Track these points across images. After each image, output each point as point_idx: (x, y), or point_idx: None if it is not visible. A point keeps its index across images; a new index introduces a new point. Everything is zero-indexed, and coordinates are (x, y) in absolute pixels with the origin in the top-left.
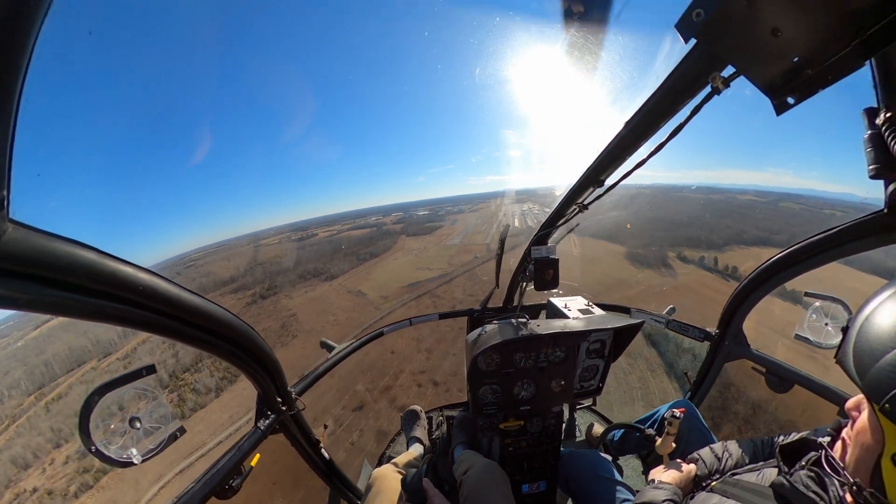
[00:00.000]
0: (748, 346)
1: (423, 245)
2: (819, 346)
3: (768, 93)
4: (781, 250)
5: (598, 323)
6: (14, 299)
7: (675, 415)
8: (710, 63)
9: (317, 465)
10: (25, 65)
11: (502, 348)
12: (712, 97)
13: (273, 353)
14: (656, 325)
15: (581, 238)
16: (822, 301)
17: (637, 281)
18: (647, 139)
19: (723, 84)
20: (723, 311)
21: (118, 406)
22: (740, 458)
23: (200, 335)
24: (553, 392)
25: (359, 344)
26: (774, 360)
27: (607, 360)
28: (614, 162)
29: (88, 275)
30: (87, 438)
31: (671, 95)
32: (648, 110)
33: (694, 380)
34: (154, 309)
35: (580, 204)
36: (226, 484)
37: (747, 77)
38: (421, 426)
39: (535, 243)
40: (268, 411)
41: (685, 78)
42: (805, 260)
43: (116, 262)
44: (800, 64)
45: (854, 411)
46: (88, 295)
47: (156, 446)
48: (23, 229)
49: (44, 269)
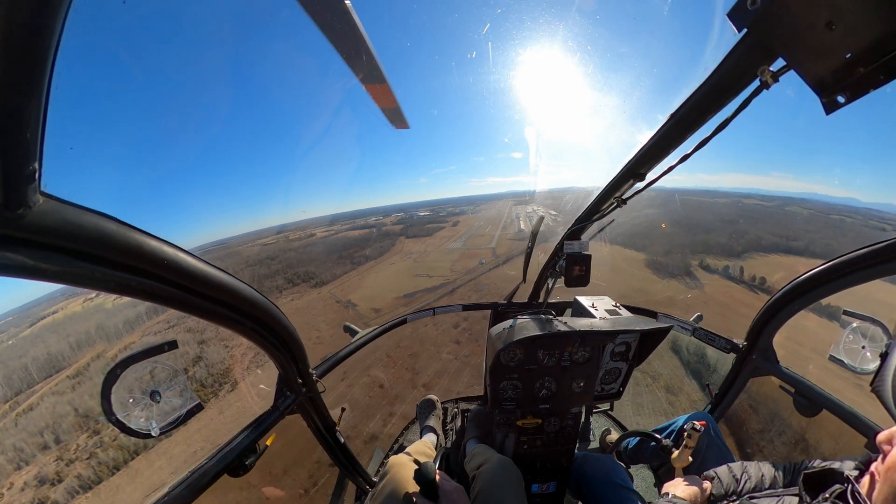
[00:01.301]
0: (777, 363)
1: (422, 248)
2: (854, 370)
3: (818, 90)
4: (822, 263)
5: (626, 324)
6: (43, 270)
7: (696, 427)
8: (759, 56)
9: (331, 448)
10: (59, 32)
11: (528, 344)
12: (761, 91)
13: (297, 333)
14: (682, 332)
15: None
16: (860, 321)
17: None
18: (692, 133)
19: (772, 78)
20: (752, 323)
21: (139, 379)
22: (759, 481)
23: (225, 312)
24: (573, 392)
25: (381, 330)
26: (805, 380)
27: (631, 364)
28: (657, 156)
29: (115, 247)
30: (109, 409)
31: (719, 88)
32: (695, 103)
33: (716, 393)
34: (179, 284)
35: (619, 198)
36: (239, 462)
37: (798, 72)
38: (436, 416)
39: (568, 238)
40: (287, 391)
41: (734, 71)
42: (848, 275)
43: (142, 235)
44: (852, 61)
45: (886, 444)
46: (115, 268)
47: (174, 420)
48: (53, 202)
49: (73, 241)
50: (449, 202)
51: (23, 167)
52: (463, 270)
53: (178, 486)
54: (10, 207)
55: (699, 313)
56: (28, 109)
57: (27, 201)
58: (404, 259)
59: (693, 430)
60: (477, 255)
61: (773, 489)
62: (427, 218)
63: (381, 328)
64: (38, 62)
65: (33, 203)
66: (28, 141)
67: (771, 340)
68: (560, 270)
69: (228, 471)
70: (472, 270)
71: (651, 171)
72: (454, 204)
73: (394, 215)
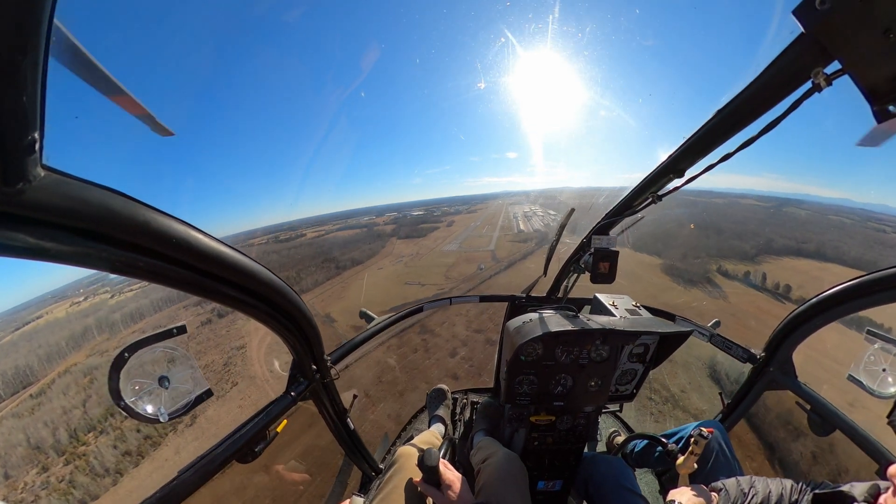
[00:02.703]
0: (795, 378)
1: (415, 250)
2: (872, 392)
3: (870, 97)
4: (857, 277)
5: (647, 325)
6: (46, 250)
7: (703, 434)
8: (815, 56)
9: (340, 434)
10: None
11: (548, 340)
12: (812, 94)
13: (313, 318)
14: (700, 337)
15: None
16: (883, 343)
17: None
18: (737, 131)
19: (825, 81)
20: (772, 335)
21: (148, 364)
22: (766, 497)
23: (238, 295)
24: (589, 391)
25: (398, 317)
26: (821, 398)
27: (647, 367)
28: (699, 152)
29: (122, 225)
30: (117, 394)
31: (770, 87)
32: (744, 100)
33: (728, 402)
34: (190, 265)
35: (654, 194)
36: (249, 449)
37: (852, 76)
38: (445, 406)
39: (596, 232)
40: (300, 378)
41: (786, 70)
42: (878, 293)
43: (151, 211)
44: None
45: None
46: (122, 247)
47: (183, 406)
48: (55, 175)
49: (77, 218)
50: (444, 202)
51: (21, 137)
52: (460, 277)
53: (186, 471)
54: (9, 182)
55: (717, 319)
56: (24, 69)
57: (27, 175)
58: (394, 263)
59: (700, 437)
60: (475, 259)
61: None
62: (421, 218)
63: (397, 315)
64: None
65: (33, 177)
66: (25, 106)
67: (790, 354)
68: (585, 266)
69: (238, 457)
70: (470, 277)
71: (691, 168)
72: (449, 203)
73: (387, 215)
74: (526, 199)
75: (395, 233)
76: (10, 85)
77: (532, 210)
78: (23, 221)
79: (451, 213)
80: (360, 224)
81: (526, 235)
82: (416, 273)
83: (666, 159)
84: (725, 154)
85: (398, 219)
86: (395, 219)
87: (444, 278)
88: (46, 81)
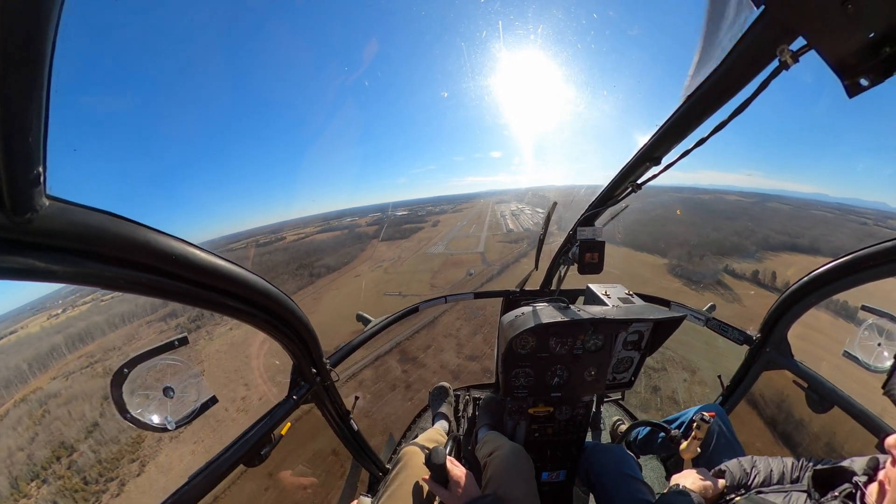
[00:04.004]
0: (792, 357)
1: (397, 253)
2: (868, 367)
3: (840, 72)
4: (842, 255)
5: (639, 313)
6: (54, 272)
7: (704, 418)
8: (778, 34)
9: (344, 436)
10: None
11: (540, 332)
12: (780, 72)
13: (310, 323)
14: (696, 321)
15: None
16: (877, 318)
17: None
18: (708, 116)
19: (791, 58)
20: (767, 316)
21: (151, 376)
22: (768, 476)
23: (237, 305)
24: (585, 381)
25: (394, 318)
26: (818, 376)
27: (643, 354)
28: (673, 139)
29: (123, 245)
30: (122, 407)
31: (737, 69)
32: (712, 84)
33: (727, 385)
34: (189, 279)
35: (634, 183)
36: (255, 452)
37: (818, 52)
38: (448, 403)
39: (581, 224)
40: (301, 381)
41: (751, 50)
42: (865, 270)
43: (149, 231)
44: (876, 40)
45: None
46: (124, 266)
47: (190, 414)
48: (59, 204)
49: (81, 241)
50: (428, 201)
51: (27, 172)
52: (446, 285)
53: (196, 477)
54: (18, 212)
55: (712, 303)
56: (29, 114)
57: (34, 205)
58: (373, 269)
59: (702, 421)
60: (462, 263)
61: (781, 484)
62: (405, 218)
63: (393, 316)
64: (35, 66)
65: (40, 207)
66: (31, 146)
67: (786, 334)
68: (573, 257)
69: (244, 461)
70: (458, 284)
71: (667, 156)
72: (434, 203)
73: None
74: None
75: (377, 234)
76: (19, 130)
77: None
78: (33, 247)
79: (437, 212)
80: (343, 225)
81: (516, 235)
82: (397, 280)
83: (641, 148)
84: (700, 139)
85: (381, 219)
86: (377, 219)
87: (428, 287)
88: (49, 121)
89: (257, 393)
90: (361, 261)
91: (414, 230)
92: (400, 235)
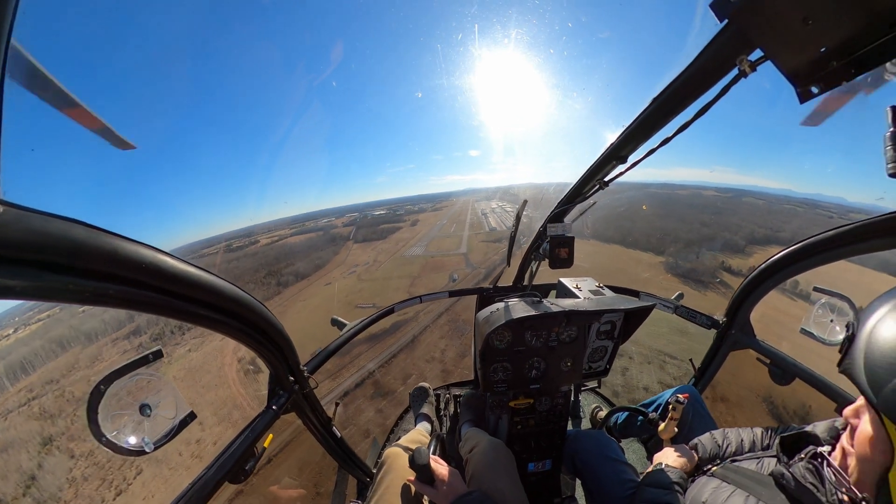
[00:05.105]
0: (754, 337)
1: (373, 256)
2: (823, 342)
3: (793, 80)
4: (794, 243)
5: (610, 304)
6: (10, 288)
7: (679, 400)
8: (739, 45)
9: (328, 444)
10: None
11: (515, 326)
12: (739, 80)
13: (285, 330)
14: (665, 309)
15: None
16: (829, 297)
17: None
18: (673, 117)
19: (750, 68)
20: (731, 301)
21: (127, 394)
22: (739, 445)
23: (210, 314)
24: (562, 371)
25: (370, 320)
26: (779, 352)
27: (616, 342)
28: (639, 138)
29: (88, 255)
30: (97, 429)
31: (700, 75)
32: (677, 88)
33: (698, 366)
34: (160, 289)
35: (601, 181)
36: (240, 467)
37: (774, 62)
38: (429, 403)
39: (550, 220)
40: (280, 390)
41: (714, 59)
42: (821, 253)
43: (117, 238)
44: (826, 55)
45: (853, 419)
46: (90, 277)
47: (168, 432)
48: (16, 211)
49: (41, 252)
50: (407, 200)
51: None
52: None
53: (178, 501)
54: None
55: (680, 292)
56: None
57: None
58: (346, 275)
59: (677, 403)
60: (444, 267)
61: (753, 452)
62: (382, 218)
63: (368, 319)
64: None
65: None
66: None
67: (748, 316)
68: (544, 253)
69: (229, 478)
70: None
71: (633, 154)
72: (413, 202)
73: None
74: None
75: (352, 235)
76: None
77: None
78: None
79: (416, 211)
80: (318, 227)
81: (500, 234)
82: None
83: (609, 147)
84: (664, 139)
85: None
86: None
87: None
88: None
89: (212, 434)
90: (335, 265)
91: (392, 230)
92: (376, 236)
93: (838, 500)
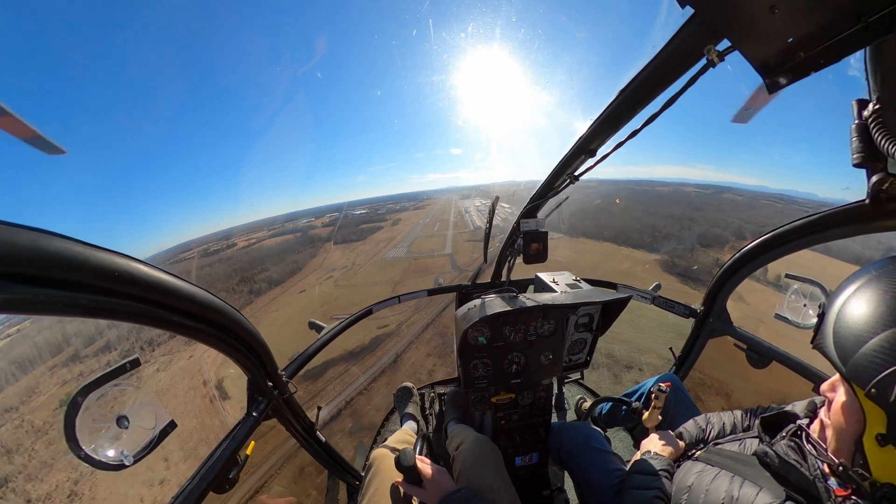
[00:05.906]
0: (731, 324)
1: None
2: (797, 325)
3: (761, 71)
4: (764, 234)
5: (586, 296)
6: None
7: (662, 388)
8: (706, 35)
9: (313, 449)
10: None
11: (492, 322)
12: (707, 70)
13: (260, 335)
14: (642, 300)
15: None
16: (800, 283)
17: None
18: (640, 109)
19: (717, 57)
20: (707, 290)
21: (104, 405)
22: (722, 429)
23: (184, 321)
24: (543, 365)
25: (347, 323)
26: (755, 337)
27: (595, 334)
28: (607, 131)
29: (57, 265)
30: (75, 443)
31: (667, 66)
32: (643, 80)
33: (679, 355)
34: (134, 296)
35: (571, 175)
36: (224, 477)
37: (742, 52)
38: (414, 403)
39: (524, 216)
40: (259, 396)
41: (681, 49)
42: (787, 243)
43: (88, 248)
44: (794, 45)
45: (830, 392)
46: (61, 288)
47: (147, 444)
48: None
49: (9, 264)
50: (389, 199)
51: None
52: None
53: None
54: None
55: (657, 283)
56: None
57: None
58: (322, 280)
59: (660, 392)
60: (428, 269)
61: (735, 434)
62: (363, 217)
63: (345, 322)
64: None
65: None
66: None
67: (725, 304)
68: (518, 248)
69: (213, 488)
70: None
71: (602, 147)
72: (394, 200)
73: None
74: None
75: (332, 236)
76: None
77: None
78: None
79: (397, 209)
80: (298, 227)
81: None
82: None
83: (577, 141)
84: (633, 131)
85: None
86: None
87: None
88: None
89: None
90: (311, 269)
91: (372, 230)
92: (356, 237)
93: (821, 472)
